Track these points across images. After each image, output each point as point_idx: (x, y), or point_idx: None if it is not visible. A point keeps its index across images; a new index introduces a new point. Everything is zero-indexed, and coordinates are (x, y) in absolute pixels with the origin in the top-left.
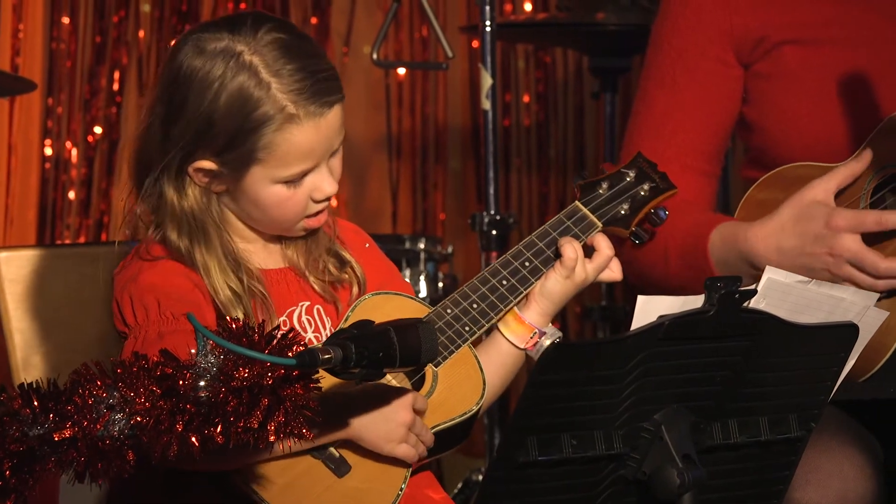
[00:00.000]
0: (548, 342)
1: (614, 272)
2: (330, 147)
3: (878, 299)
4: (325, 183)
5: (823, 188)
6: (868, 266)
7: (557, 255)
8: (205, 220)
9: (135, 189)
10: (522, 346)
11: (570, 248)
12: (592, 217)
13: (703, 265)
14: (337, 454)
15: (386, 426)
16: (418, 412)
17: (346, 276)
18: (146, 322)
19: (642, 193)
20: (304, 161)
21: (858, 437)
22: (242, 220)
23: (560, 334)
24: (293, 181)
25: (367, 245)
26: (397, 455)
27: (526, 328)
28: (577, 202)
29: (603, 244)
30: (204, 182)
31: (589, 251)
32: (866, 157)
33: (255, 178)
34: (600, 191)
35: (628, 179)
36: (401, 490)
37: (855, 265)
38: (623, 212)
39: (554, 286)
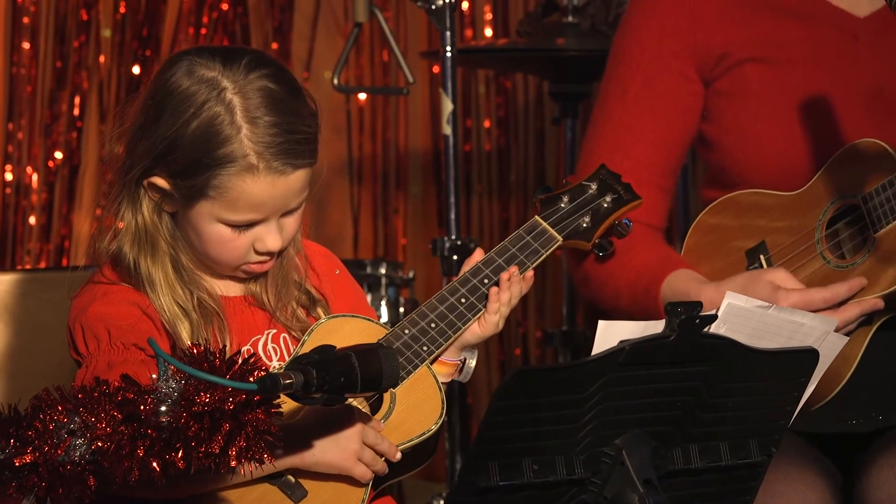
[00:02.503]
0: (473, 362)
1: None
2: (284, 206)
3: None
4: (270, 237)
5: (783, 275)
6: None
7: None
8: (155, 234)
9: (100, 204)
10: (448, 381)
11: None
12: (552, 231)
13: (654, 311)
14: (293, 479)
15: (337, 445)
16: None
17: (315, 317)
18: (97, 352)
19: (605, 205)
20: (252, 211)
21: (819, 463)
22: (188, 245)
23: (476, 350)
24: (238, 226)
25: (338, 272)
26: (354, 474)
27: (449, 366)
28: (536, 217)
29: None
30: (155, 198)
31: None
32: (852, 284)
33: (202, 211)
34: (561, 204)
35: (590, 192)
36: None
37: None
38: (584, 225)
39: (475, 340)
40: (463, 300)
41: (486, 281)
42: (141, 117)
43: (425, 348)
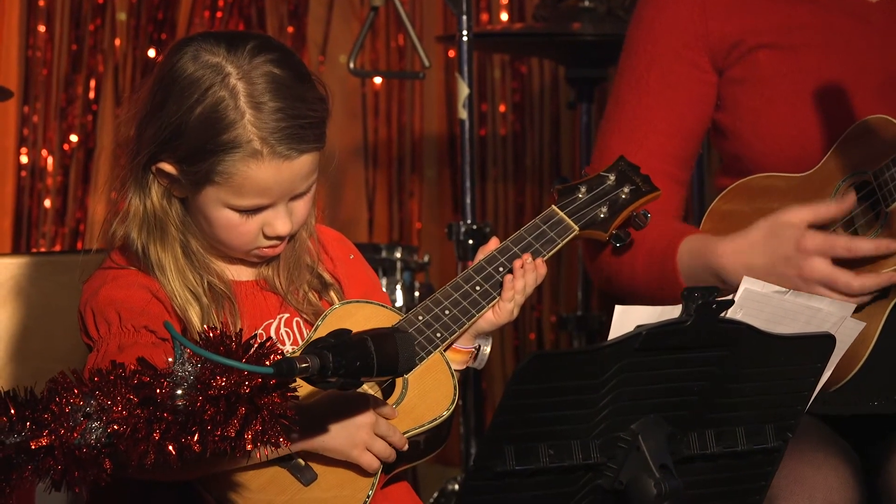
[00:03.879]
0: (487, 349)
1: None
2: (291, 190)
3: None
4: (279, 222)
5: (799, 215)
6: (841, 286)
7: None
8: (165, 220)
9: (114, 187)
10: (463, 368)
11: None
12: (569, 221)
13: (671, 275)
14: (302, 463)
15: (347, 432)
16: (382, 416)
17: (328, 301)
18: (108, 335)
19: (623, 196)
20: (258, 197)
21: (841, 448)
22: (199, 230)
23: (490, 337)
24: (245, 212)
25: (352, 256)
26: (361, 463)
27: (463, 353)
28: (553, 206)
29: (527, 272)
30: (164, 183)
31: None
32: (850, 200)
33: (209, 196)
34: (579, 195)
35: (608, 183)
36: (367, 497)
37: (827, 286)
38: (602, 215)
39: (489, 327)
40: (477, 287)
41: (500, 269)
42: (148, 103)
43: (438, 335)
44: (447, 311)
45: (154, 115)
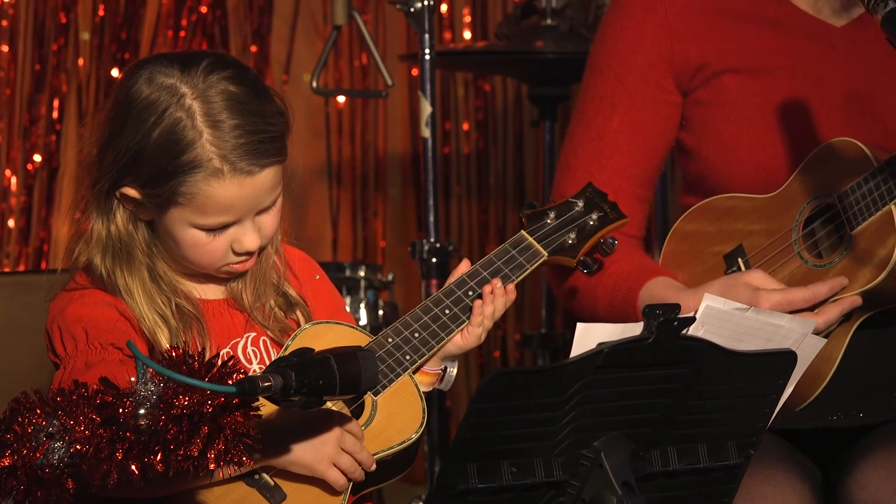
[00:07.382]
0: (454, 370)
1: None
2: (256, 205)
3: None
4: (247, 238)
5: (760, 276)
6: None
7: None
8: (131, 244)
9: (79, 209)
10: (430, 390)
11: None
12: (538, 246)
13: (632, 319)
14: (272, 482)
15: (313, 447)
16: (349, 433)
17: (294, 319)
18: (75, 352)
19: (591, 223)
20: (223, 214)
21: (800, 465)
22: (168, 251)
23: (456, 358)
24: (212, 230)
25: (318, 276)
26: (328, 478)
27: (430, 375)
28: (522, 231)
29: (496, 298)
30: (130, 208)
31: None
32: (820, 291)
33: (174, 217)
34: (547, 220)
35: (577, 209)
36: None
37: None
38: (570, 241)
39: (457, 350)
40: (447, 311)
41: (470, 293)
42: (106, 129)
43: (408, 357)
44: (417, 334)
45: (113, 141)
